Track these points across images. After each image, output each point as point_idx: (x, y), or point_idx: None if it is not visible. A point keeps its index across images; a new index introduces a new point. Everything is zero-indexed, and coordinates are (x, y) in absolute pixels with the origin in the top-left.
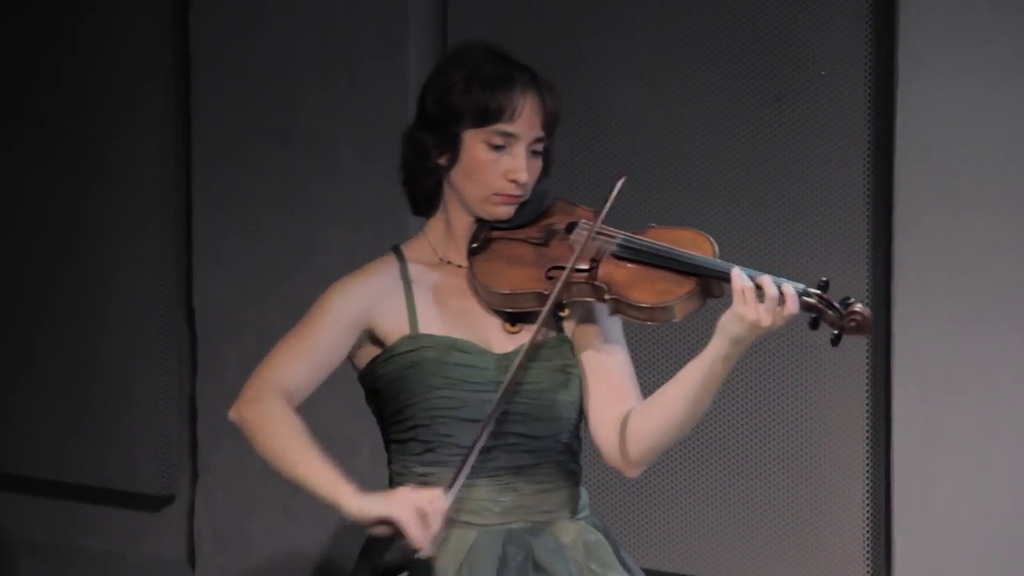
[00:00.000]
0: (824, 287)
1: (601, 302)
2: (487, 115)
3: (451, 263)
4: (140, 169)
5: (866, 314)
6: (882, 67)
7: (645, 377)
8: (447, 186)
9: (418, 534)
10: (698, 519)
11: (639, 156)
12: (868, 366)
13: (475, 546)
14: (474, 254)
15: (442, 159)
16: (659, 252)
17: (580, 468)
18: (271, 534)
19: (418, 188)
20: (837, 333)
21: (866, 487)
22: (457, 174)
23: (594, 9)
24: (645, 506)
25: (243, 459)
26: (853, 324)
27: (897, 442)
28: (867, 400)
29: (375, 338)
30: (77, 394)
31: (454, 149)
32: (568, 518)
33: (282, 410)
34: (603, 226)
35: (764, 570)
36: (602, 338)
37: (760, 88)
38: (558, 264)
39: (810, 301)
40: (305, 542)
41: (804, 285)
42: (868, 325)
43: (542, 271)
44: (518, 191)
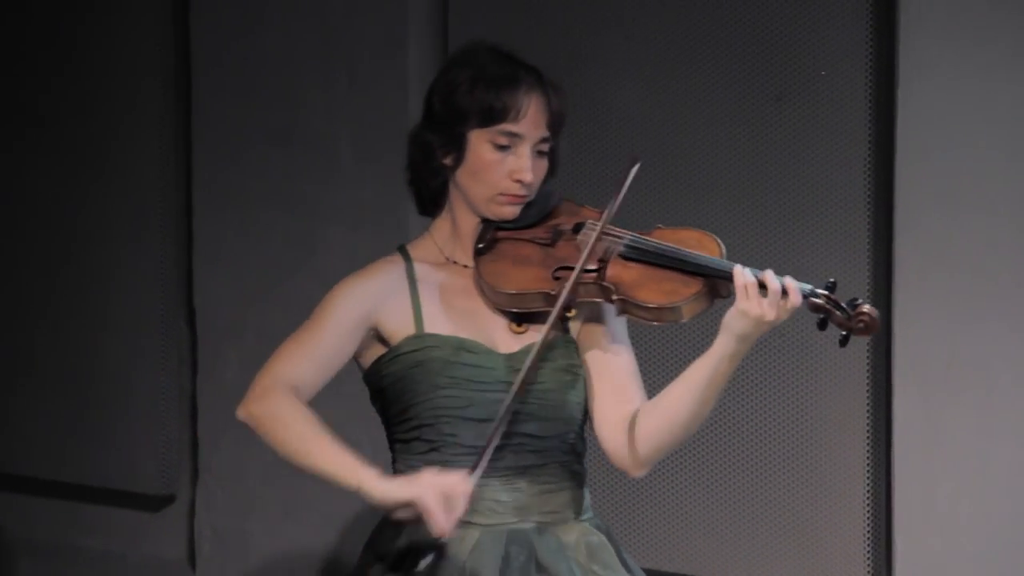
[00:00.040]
0: (831, 288)
1: (609, 303)
2: (492, 115)
3: (457, 263)
4: (140, 169)
5: (874, 315)
6: (883, 67)
7: (650, 377)
8: (453, 186)
9: (441, 518)
10: (699, 519)
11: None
12: (869, 366)
13: (478, 545)
14: (480, 254)
15: (448, 159)
16: (666, 253)
17: (584, 470)
18: (271, 534)
19: (424, 188)
20: (845, 334)
21: (866, 487)
22: (462, 174)
23: (594, 9)
24: (646, 506)
25: (243, 459)
26: (861, 325)
27: (897, 442)
28: (867, 400)
29: (380, 337)
30: (77, 394)
31: (459, 149)
32: (571, 519)
33: (292, 403)
34: (610, 227)
35: (764, 570)
36: (607, 338)
37: (761, 88)
38: (565, 264)
39: (818, 302)
40: (305, 542)
41: (812, 286)
42: (876, 326)
43: (549, 271)
44: (523, 191)
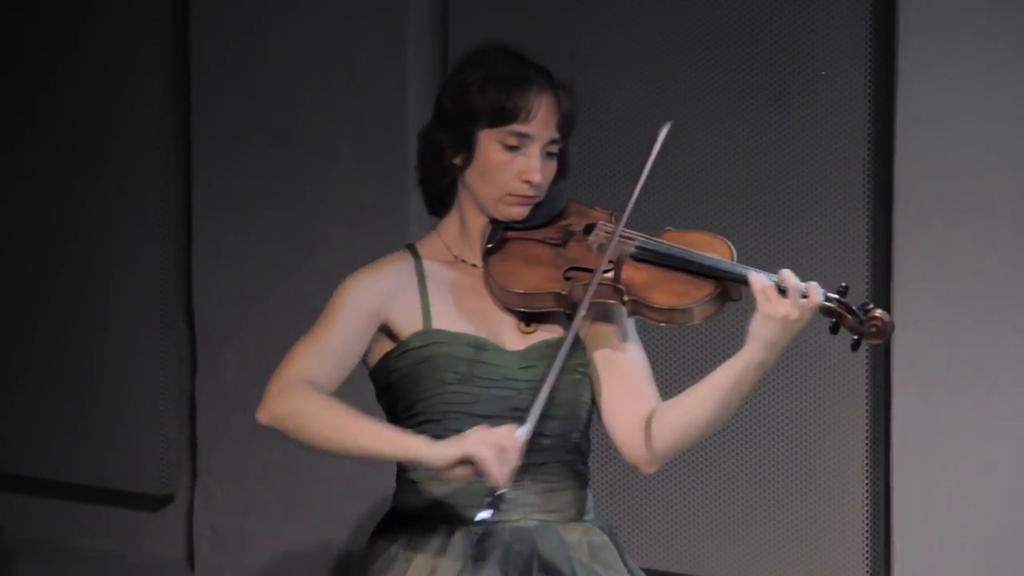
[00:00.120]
0: (843, 292)
1: (620, 304)
2: (502, 115)
3: (466, 262)
4: (140, 169)
5: (886, 319)
6: (882, 67)
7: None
8: (462, 186)
9: (498, 471)
10: (698, 519)
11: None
12: (868, 366)
13: (480, 542)
14: (489, 254)
15: (457, 159)
16: (678, 255)
17: (588, 471)
18: (270, 534)
19: (433, 187)
20: (857, 338)
21: (866, 487)
22: (472, 174)
23: (594, 9)
24: (645, 506)
25: (242, 459)
26: (873, 329)
27: (897, 442)
28: (867, 400)
29: (390, 333)
30: (77, 394)
31: (469, 149)
32: (574, 519)
33: (316, 395)
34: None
35: (763, 570)
36: (618, 337)
37: (760, 88)
38: (576, 265)
39: (830, 306)
40: (304, 541)
41: (824, 291)
42: (888, 330)
43: (559, 271)
44: (532, 192)
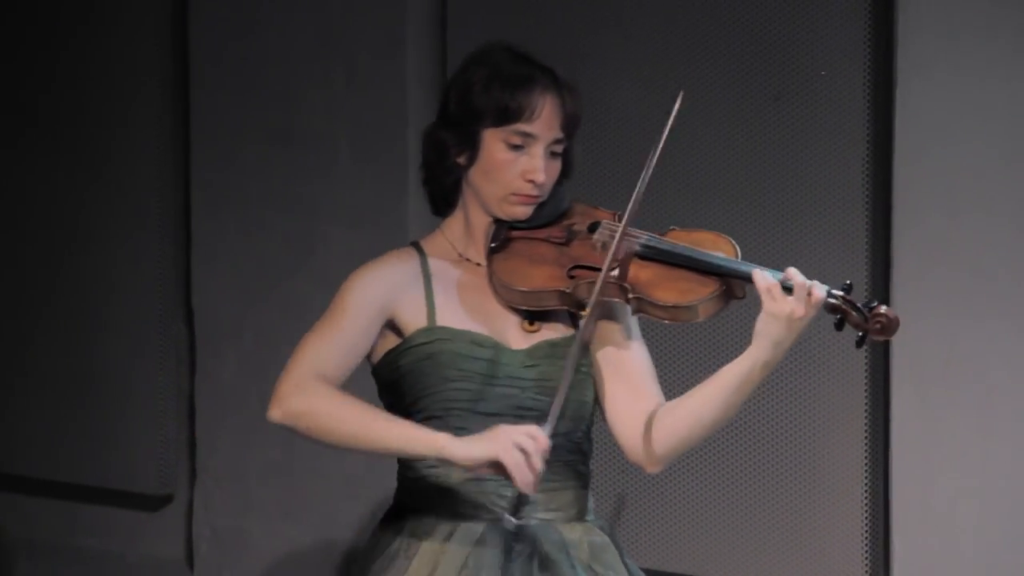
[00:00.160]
0: (848, 289)
1: (625, 302)
2: (506, 115)
3: (470, 260)
4: (138, 169)
5: (891, 316)
6: (881, 67)
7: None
8: (466, 185)
9: (525, 476)
10: (696, 519)
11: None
12: (867, 364)
13: (481, 539)
14: (493, 252)
15: (461, 157)
16: (683, 253)
17: (590, 471)
18: (269, 534)
19: (437, 186)
20: (862, 335)
21: (865, 485)
22: (475, 173)
23: (593, 9)
24: (644, 506)
25: (241, 459)
26: (878, 326)
27: (895, 440)
28: (866, 398)
29: (394, 329)
30: (75, 394)
31: (473, 148)
32: (574, 518)
33: (332, 392)
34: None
35: (762, 569)
36: (622, 335)
37: (759, 88)
38: (580, 263)
39: (834, 302)
40: (303, 542)
41: (828, 287)
42: (893, 327)
43: (564, 270)
44: (535, 191)
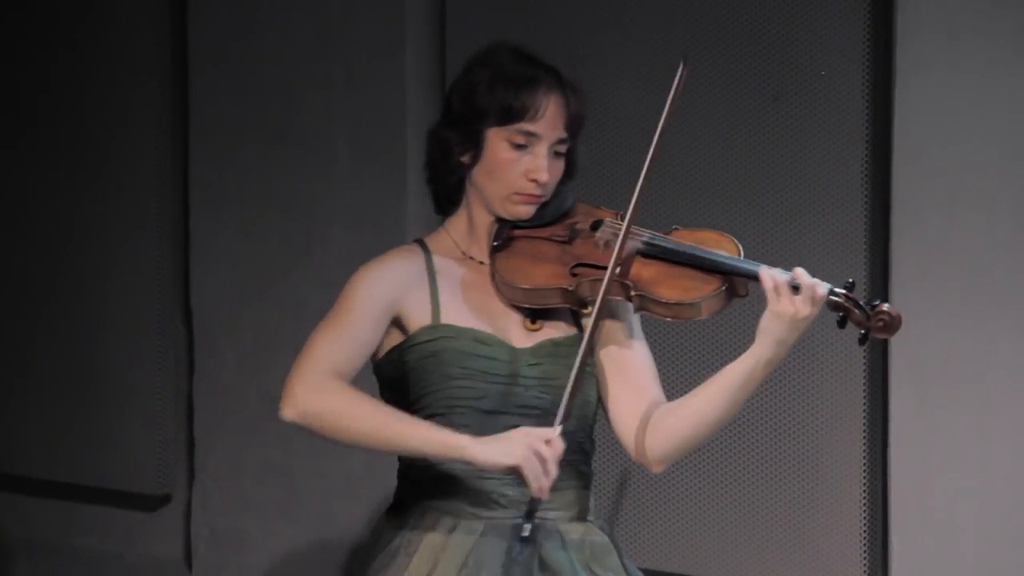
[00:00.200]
0: (850, 288)
1: (627, 300)
2: (510, 114)
3: (473, 259)
4: (137, 169)
5: (894, 314)
6: (880, 66)
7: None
8: (469, 184)
9: (541, 483)
10: (694, 519)
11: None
12: (865, 364)
13: (482, 539)
14: (496, 251)
15: (465, 157)
16: (685, 251)
17: (591, 472)
18: (267, 534)
19: (441, 186)
20: (864, 333)
21: (863, 485)
22: (479, 172)
23: (592, 9)
24: (643, 507)
25: (239, 459)
26: (881, 324)
27: (894, 440)
28: (864, 398)
29: (399, 325)
30: (74, 394)
31: (477, 147)
32: (576, 518)
33: (348, 389)
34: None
35: (761, 569)
36: (624, 334)
37: (758, 88)
38: (583, 261)
39: (837, 300)
40: (301, 541)
41: (831, 285)
42: (896, 325)
43: (566, 268)
44: (538, 191)
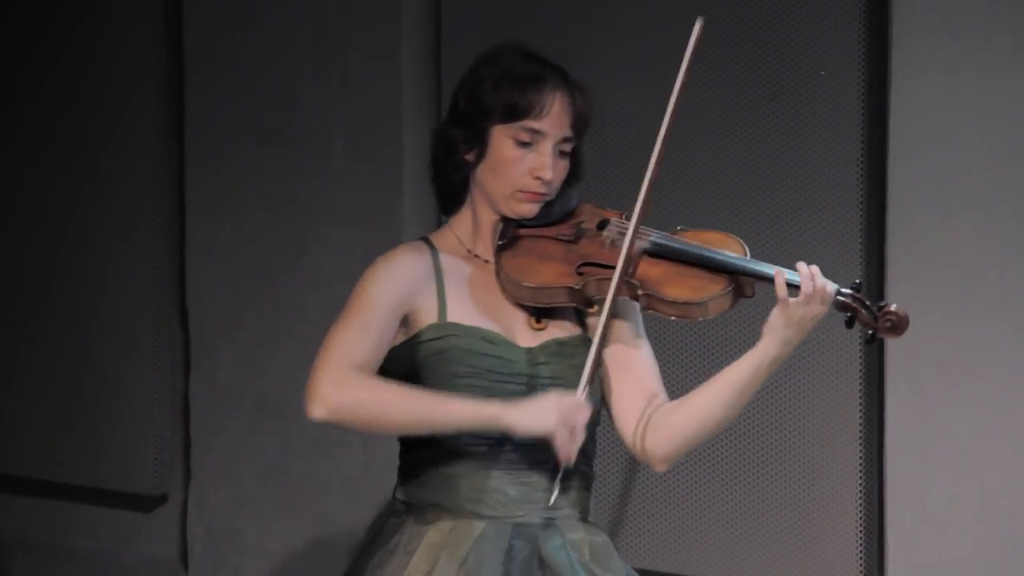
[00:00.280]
0: (857, 288)
1: (634, 299)
2: (515, 111)
3: (479, 257)
4: (133, 169)
5: (901, 314)
6: (876, 66)
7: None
8: (473, 182)
9: (569, 452)
10: (691, 519)
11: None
12: (862, 364)
13: (482, 537)
14: (501, 250)
15: (470, 155)
16: (692, 251)
17: (592, 473)
18: (264, 534)
19: (445, 184)
20: (872, 333)
21: (859, 486)
22: (483, 170)
23: (588, 9)
24: (639, 506)
25: (236, 459)
26: (888, 324)
27: (890, 440)
28: (860, 398)
29: (407, 323)
30: (70, 394)
31: (482, 144)
32: (576, 518)
33: (373, 380)
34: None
35: (758, 569)
36: (628, 333)
37: (754, 88)
38: (589, 260)
39: (845, 301)
40: (298, 541)
41: (838, 285)
42: (903, 324)
43: (572, 267)
44: (543, 189)
